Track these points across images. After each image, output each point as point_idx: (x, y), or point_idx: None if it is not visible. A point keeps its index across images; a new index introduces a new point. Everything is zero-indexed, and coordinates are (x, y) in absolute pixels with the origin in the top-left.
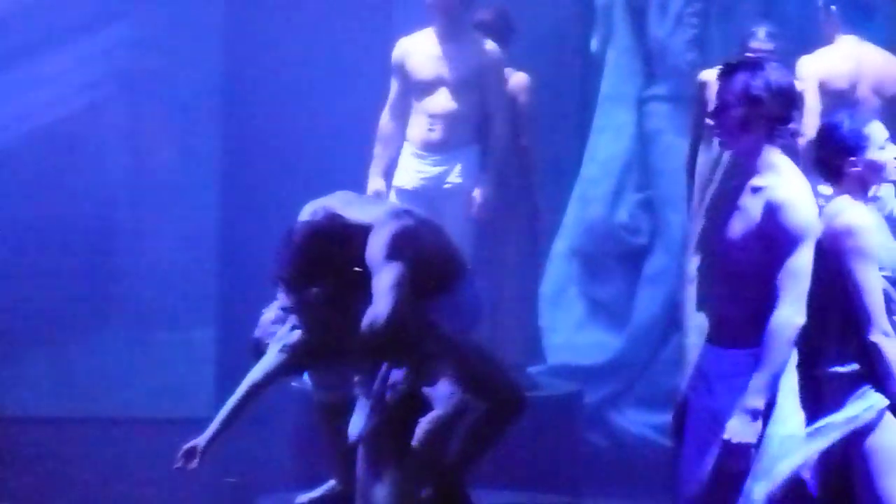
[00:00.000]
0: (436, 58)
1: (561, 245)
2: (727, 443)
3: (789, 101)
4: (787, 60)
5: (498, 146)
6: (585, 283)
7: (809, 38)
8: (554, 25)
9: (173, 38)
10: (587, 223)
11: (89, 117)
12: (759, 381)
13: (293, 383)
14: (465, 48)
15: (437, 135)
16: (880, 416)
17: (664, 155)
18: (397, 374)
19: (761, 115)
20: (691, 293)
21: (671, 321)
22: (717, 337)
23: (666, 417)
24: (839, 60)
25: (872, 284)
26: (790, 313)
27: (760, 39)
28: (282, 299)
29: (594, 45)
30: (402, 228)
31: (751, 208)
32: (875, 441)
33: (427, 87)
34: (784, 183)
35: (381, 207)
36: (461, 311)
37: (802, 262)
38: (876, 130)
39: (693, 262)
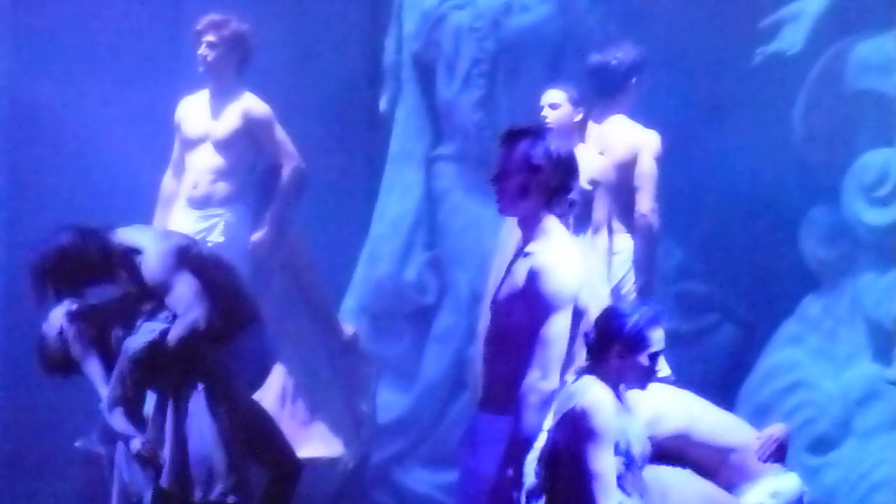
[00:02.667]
0: (204, 116)
1: (350, 303)
2: None
3: (569, 170)
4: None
5: (279, 195)
6: (374, 341)
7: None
8: (343, 84)
9: None
10: (376, 281)
11: None
12: (509, 446)
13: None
14: (232, 107)
15: (199, 191)
16: None
17: (452, 214)
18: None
19: (541, 183)
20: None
21: (458, 380)
22: (484, 401)
23: (452, 477)
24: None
25: (603, 467)
26: (537, 377)
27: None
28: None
29: (383, 104)
30: (174, 245)
31: (517, 273)
32: None
33: (193, 144)
34: (549, 249)
35: (151, 232)
36: (249, 361)
37: (557, 329)
38: (657, 336)
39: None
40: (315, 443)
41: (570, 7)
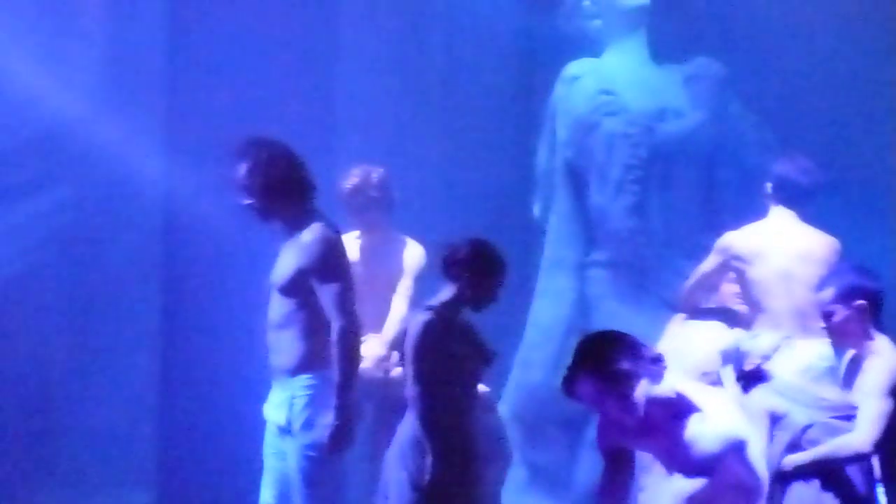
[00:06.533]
0: None
1: (502, 409)
2: None
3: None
4: None
5: None
6: (526, 448)
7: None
8: (496, 191)
9: (112, 201)
10: (528, 388)
11: (27, 280)
12: None
13: None
14: None
15: None
16: None
17: (605, 321)
18: None
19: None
20: None
21: None
22: None
23: None
24: (761, 235)
25: None
26: None
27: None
28: None
29: (536, 210)
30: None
31: None
32: None
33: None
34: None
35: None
36: None
37: None
38: None
39: None
40: None
41: (724, 113)
